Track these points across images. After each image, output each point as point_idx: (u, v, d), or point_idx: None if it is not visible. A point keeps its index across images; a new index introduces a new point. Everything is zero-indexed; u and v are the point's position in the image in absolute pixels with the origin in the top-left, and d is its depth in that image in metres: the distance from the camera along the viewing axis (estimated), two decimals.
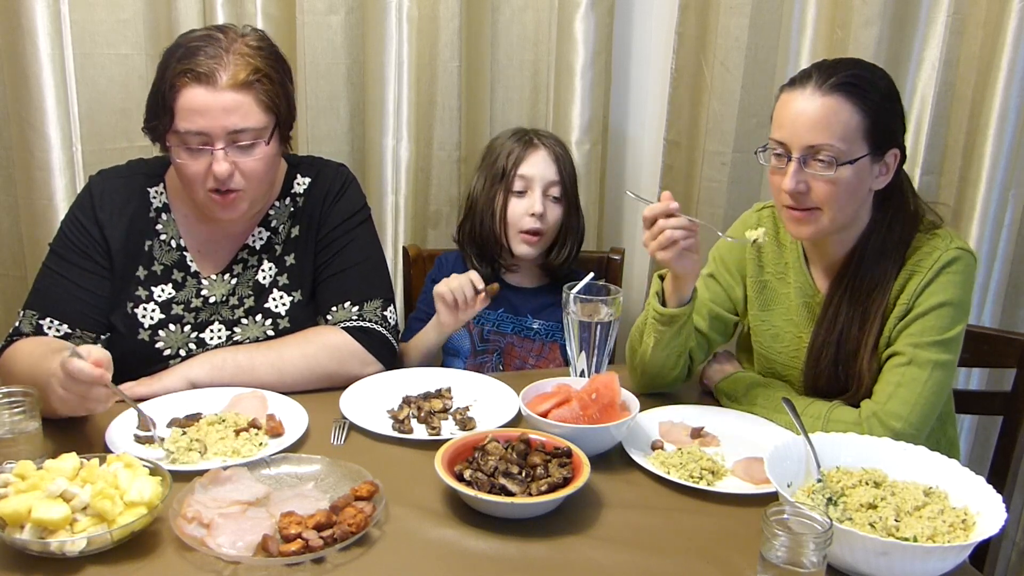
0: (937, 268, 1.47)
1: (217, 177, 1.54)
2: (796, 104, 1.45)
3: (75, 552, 1.11)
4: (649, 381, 1.65)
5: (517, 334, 2.02)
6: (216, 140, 1.53)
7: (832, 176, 1.43)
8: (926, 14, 2.13)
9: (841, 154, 1.42)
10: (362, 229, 1.77)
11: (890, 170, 1.49)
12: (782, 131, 1.47)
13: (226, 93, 1.52)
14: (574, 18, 2.23)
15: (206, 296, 1.68)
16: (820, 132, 1.42)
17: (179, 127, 1.53)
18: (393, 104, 2.22)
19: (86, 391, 1.30)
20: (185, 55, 1.53)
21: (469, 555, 1.17)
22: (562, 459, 1.30)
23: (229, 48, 1.54)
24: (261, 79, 1.56)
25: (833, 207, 1.46)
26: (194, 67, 1.51)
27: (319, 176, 1.76)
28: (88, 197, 1.65)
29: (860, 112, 1.43)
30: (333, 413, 1.53)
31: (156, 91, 1.57)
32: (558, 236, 2.00)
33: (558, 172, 1.94)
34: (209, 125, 1.52)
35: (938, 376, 1.46)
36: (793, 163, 1.45)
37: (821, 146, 1.42)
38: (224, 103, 1.52)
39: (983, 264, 2.17)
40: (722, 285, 1.72)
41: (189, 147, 1.54)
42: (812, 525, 1.03)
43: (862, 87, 1.44)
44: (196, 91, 1.52)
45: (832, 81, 1.43)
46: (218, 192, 1.57)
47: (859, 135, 1.43)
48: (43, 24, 1.96)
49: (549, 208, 1.94)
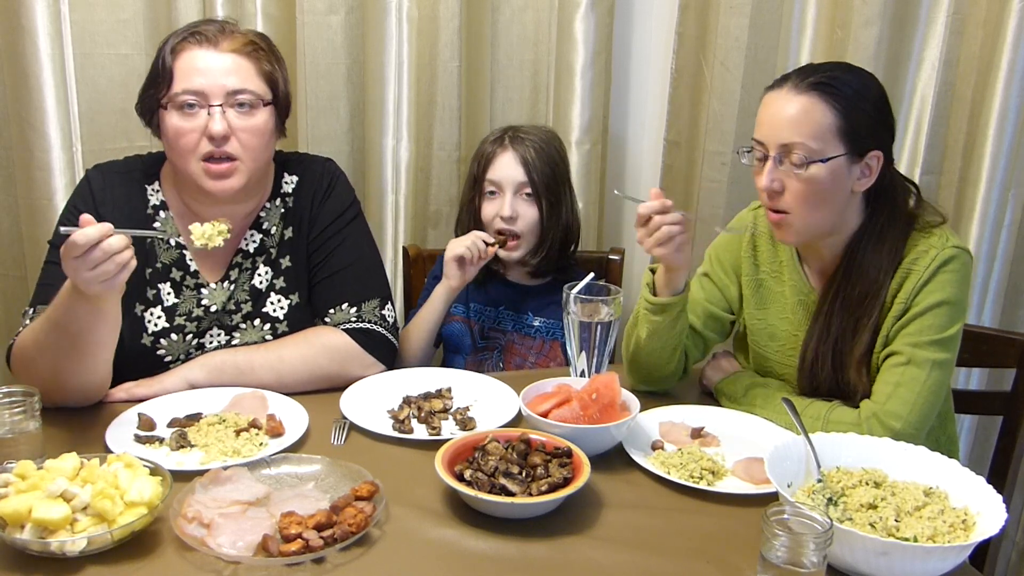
0: (934, 267, 1.47)
1: (213, 136, 1.53)
2: (774, 104, 1.47)
3: (75, 552, 1.11)
4: (645, 375, 1.65)
5: (518, 331, 2.02)
6: (213, 98, 1.54)
7: (803, 175, 1.43)
8: (926, 14, 2.13)
9: (813, 153, 1.43)
10: (353, 227, 1.76)
11: (873, 172, 1.48)
12: (761, 130, 1.49)
13: (227, 55, 1.55)
14: (574, 18, 2.23)
15: (207, 305, 1.68)
16: (793, 130, 1.43)
17: (176, 88, 1.53)
18: (393, 104, 2.22)
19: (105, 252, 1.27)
20: (186, 28, 1.57)
21: (469, 555, 1.17)
22: (562, 459, 1.30)
23: (233, 28, 1.59)
24: (259, 50, 1.60)
25: (804, 208, 1.46)
26: (197, 32, 1.54)
27: (306, 174, 1.75)
28: (88, 190, 1.64)
29: (833, 111, 1.43)
30: (333, 413, 1.53)
31: (154, 64, 1.57)
32: (541, 235, 1.98)
33: (526, 173, 1.92)
34: (208, 84, 1.53)
35: (937, 375, 1.46)
36: (769, 161, 1.46)
37: (794, 144, 1.43)
38: (225, 64, 1.55)
39: (983, 264, 2.17)
40: (717, 284, 1.72)
41: (184, 104, 1.54)
42: (812, 525, 1.03)
43: (835, 86, 1.44)
44: (197, 52, 1.54)
45: (808, 81, 1.44)
46: (212, 160, 1.56)
47: (832, 134, 1.43)
48: (43, 24, 1.96)
49: (522, 208, 1.93)
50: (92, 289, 1.30)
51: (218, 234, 1.43)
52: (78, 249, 1.26)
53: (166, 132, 1.57)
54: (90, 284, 1.29)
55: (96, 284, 1.29)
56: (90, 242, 1.26)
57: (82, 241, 1.26)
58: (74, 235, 1.26)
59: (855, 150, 1.45)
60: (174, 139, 1.56)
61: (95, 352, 1.44)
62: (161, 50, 1.57)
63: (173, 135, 1.56)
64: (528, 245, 1.96)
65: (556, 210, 1.96)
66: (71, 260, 1.28)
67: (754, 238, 1.69)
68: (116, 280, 1.31)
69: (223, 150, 1.55)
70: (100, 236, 1.26)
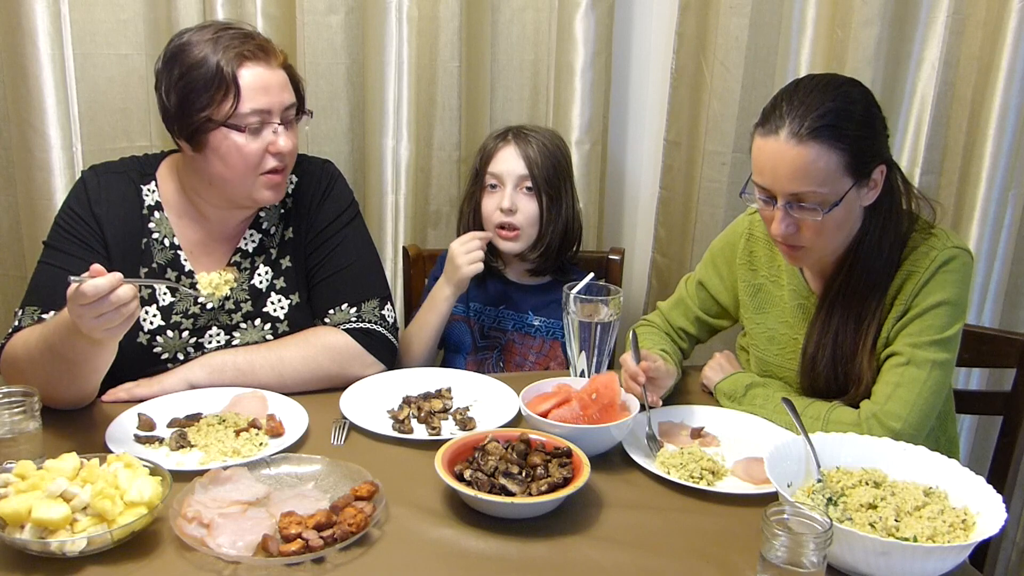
0: (934, 268, 1.47)
1: (282, 153, 1.57)
2: (772, 152, 1.40)
3: (75, 552, 1.11)
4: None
5: (518, 331, 2.02)
6: (275, 116, 1.55)
7: (821, 217, 1.41)
8: (926, 14, 2.13)
9: (826, 198, 1.40)
10: (351, 228, 1.76)
11: (878, 185, 1.46)
12: (763, 177, 1.44)
13: (279, 71, 1.58)
14: (574, 18, 2.23)
15: (203, 303, 1.68)
16: (801, 181, 1.39)
17: (244, 108, 1.52)
18: (393, 104, 2.22)
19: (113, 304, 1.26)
20: (228, 41, 1.53)
21: (469, 555, 1.17)
22: (562, 459, 1.31)
23: (261, 38, 1.59)
24: (287, 62, 1.62)
25: (822, 240, 1.46)
26: (248, 46, 1.54)
27: (306, 175, 1.76)
28: (83, 191, 1.63)
29: (838, 151, 1.38)
30: (333, 413, 1.53)
31: (204, 80, 1.51)
32: (540, 230, 1.97)
33: (527, 167, 1.92)
34: (271, 101, 1.55)
35: (937, 376, 1.46)
36: (779, 210, 1.43)
37: (804, 194, 1.40)
38: (280, 79, 1.58)
39: (983, 264, 2.17)
40: (710, 292, 1.75)
41: (251, 127, 1.54)
42: (812, 525, 1.03)
43: (838, 126, 1.38)
44: (256, 69, 1.54)
45: (807, 126, 1.37)
46: (275, 172, 1.59)
47: (840, 172, 1.39)
48: (43, 24, 1.96)
49: (522, 202, 1.94)
50: (95, 335, 1.30)
51: (224, 283, 1.43)
52: (87, 299, 1.24)
53: (221, 149, 1.54)
54: (94, 331, 1.29)
55: (100, 332, 1.29)
56: (99, 293, 1.23)
57: (91, 292, 1.23)
58: (84, 286, 1.23)
59: (862, 174, 1.42)
60: (235, 156, 1.55)
61: (89, 376, 1.45)
62: (206, 65, 1.51)
63: (235, 153, 1.54)
64: (527, 239, 1.96)
65: (556, 206, 1.95)
66: (77, 307, 1.25)
67: (751, 243, 1.69)
68: (120, 329, 1.31)
69: (284, 163, 1.59)
70: (110, 287, 1.24)
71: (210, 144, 1.55)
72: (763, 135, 1.43)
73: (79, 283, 1.23)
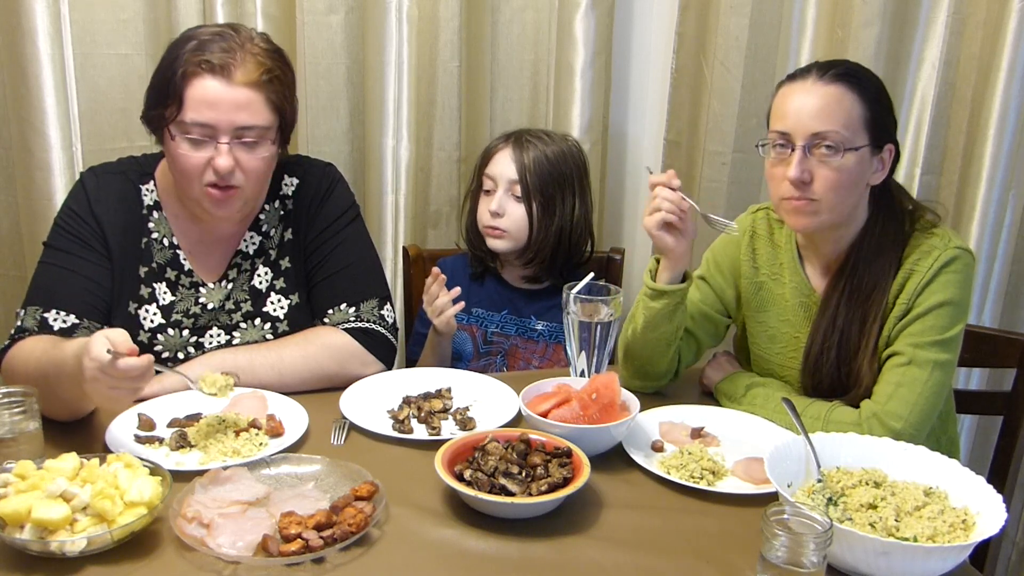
0: (936, 268, 1.47)
1: (218, 171, 1.53)
2: (798, 95, 1.48)
3: (75, 552, 1.10)
4: (638, 367, 1.65)
5: (521, 336, 2.02)
6: (221, 134, 1.52)
7: (837, 163, 1.45)
8: (926, 14, 2.13)
9: (845, 140, 1.45)
10: (351, 229, 1.76)
11: (886, 165, 1.52)
12: (785, 121, 1.48)
13: (239, 89, 1.52)
14: (574, 18, 2.23)
15: (204, 303, 1.68)
16: (825, 119, 1.45)
17: (186, 117, 1.51)
18: (393, 104, 2.22)
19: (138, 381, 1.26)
20: (199, 47, 1.52)
21: (469, 555, 1.17)
22: (562, 459, 1.30)
23: (243, 45, 1.54)
24: (272, 79, 1.56)
25: (833, 197, 1.47)
26: (209, 58, 1.50)
27: (306, 177, 1.75)
28: (83, 192, 1.63)
29: (860, 102, 1.46)
30: (333, 413, 1.53)
31: (163, 79, 1.54)
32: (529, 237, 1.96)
33: (518, 172, 1.92)
34: (218, 118, 1.51)
35: (938, 376, 1.46)
36: (797, 151, 1.46)
37: (827, 133, 1.45)
38: (236, 98, 1.52)
39: (983, 264, 2.17)
40: (713, 287, 1.73)
41: (191, 138, 1.52)
42: (812, 525, 1.03)
43: (860, 79, 1.48)
44: (209, 82, 1.51)
45: (833, 72, 1.47)
46: (215, 187, 1.56)
47: (860, 124, 1.46)
48: (43, 24, 1.96)
49: (511, 207, 1.93)
50: (96, 399, 1.31)
51: (225, 386, 1.43)
52: (116, 373, 1.23)
53: (170, 152, 1.56)
54: (98, 396, 1.29)
55: (105, 399, 1.30)
56: (128, 374, 1.23)
57: (122, 369, 1.22)
58: (120, 363, 1.22)
59: (876, 141, 1.49)
60: (179, 162, 1.55)
61: (86, 407, 1.46)
62: (171, 66, 1.52)
63: (179, 159, 1.55)
64: (514, 242, 1.96)
65: (548, 214, 1.93)
66: (95, 370, 1.24)
67: (753, 240, 1.69)
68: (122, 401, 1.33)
69: (227, 181, 1.55)
70: (141, 372, 1.23)
71: (164, 141, 1.57)
72: (789, 84, 1.51)
73: (113, 356, 1.22)
